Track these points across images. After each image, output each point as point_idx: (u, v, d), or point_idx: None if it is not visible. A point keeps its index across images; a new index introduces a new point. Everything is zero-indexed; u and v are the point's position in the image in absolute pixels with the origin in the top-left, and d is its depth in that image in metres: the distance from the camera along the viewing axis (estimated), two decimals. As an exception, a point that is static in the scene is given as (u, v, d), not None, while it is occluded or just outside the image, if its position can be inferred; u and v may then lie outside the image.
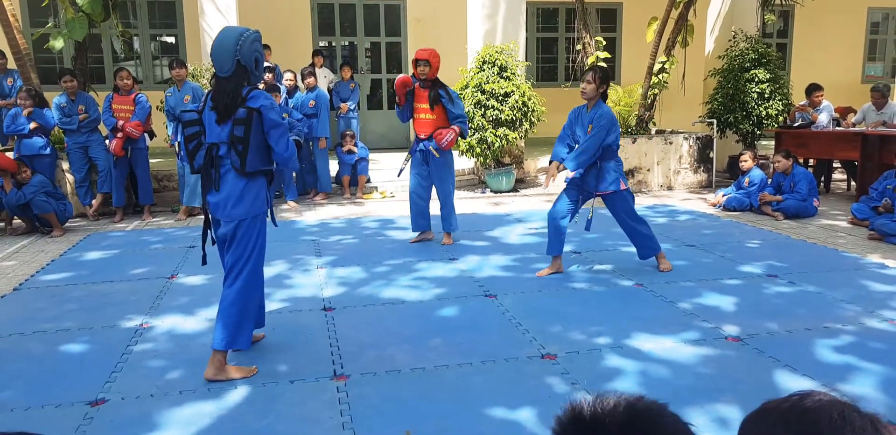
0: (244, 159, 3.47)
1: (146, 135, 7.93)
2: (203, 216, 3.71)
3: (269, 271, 5.42)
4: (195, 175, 4.41)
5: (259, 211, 3.59)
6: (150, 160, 8.25)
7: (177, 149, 7.76)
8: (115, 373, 3.56)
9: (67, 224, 7.39)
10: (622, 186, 5.21)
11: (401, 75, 5.92)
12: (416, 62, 5.88)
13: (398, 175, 6.50)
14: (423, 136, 6.03)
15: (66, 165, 7.88)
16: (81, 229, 7.28)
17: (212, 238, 3.68)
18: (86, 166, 7.78)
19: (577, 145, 5.22)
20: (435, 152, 5.96)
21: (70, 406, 3.21)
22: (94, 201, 7.83)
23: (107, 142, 7.74)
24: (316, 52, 11.13)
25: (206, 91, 3.66)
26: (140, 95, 7.73)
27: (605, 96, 5.22)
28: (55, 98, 7.65)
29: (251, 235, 3.57)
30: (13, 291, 5.05)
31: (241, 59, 3.48)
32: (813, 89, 9.18)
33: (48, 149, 7.55)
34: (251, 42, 3.49)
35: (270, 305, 4.60)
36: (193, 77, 8.51)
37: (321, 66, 10.98)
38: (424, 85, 5.96)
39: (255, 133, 3.48)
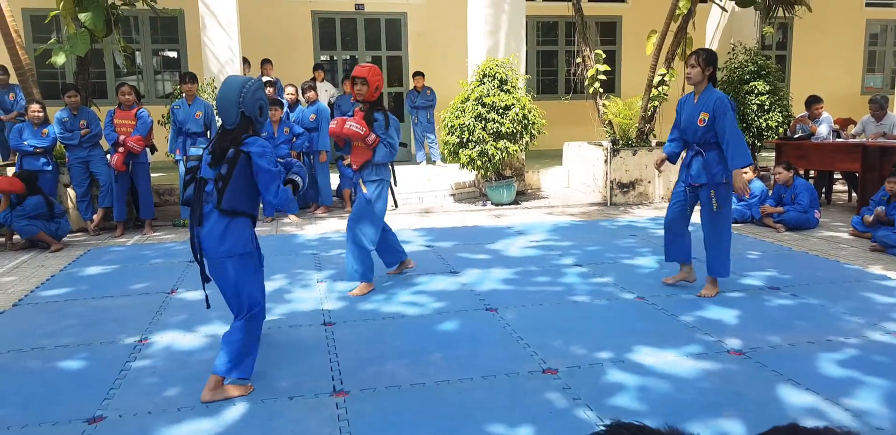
0: (221, 196, 3.47)
1: (147, 149, 7.95)
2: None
3: (269, 285, 5.39)
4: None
5: (245, 250, 3.55)
6: (152, 175, 8.25)
7: (185, 162, 7.76)
8: (113, 390, 3.54)
9: (68, 239, 7.38)
10: (725, 179, 4.87)
11: (333, 125, 5.07)
12: (353, 80, 5.09)
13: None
14: (354, 168, 5.22)
15: (66, 180, 7.90)
16: (82, 244, 7.27)
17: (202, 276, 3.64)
18: (87, 181, 7.79)
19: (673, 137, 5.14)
20: (363, 186, 5.17)
21: (68, 423, 3.19)
22: (94, 216, 7.83)
23: (108, 157, 7.75)
24: (317, 66, 11.19)
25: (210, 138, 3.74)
26: (141, 110, 7.75)
27: (713, 80, 4.87)
28: (57, 113, 7.68)
29: (243, 272, 3.53)
30: (12, 307, 5.04)
31: (246, 111, 3.55)
32: (813, 101, 9.19)
33: (50, 165, 7.59)
34: (254, 92, 3.56)
35: (270, 320, 4.59)
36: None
37: (322, 80, 11.03)
38: (363, 107, 5.19)
39: (239, 174, 3.48)
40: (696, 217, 5.19)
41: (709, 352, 3.95)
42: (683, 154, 5.21)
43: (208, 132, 7.83)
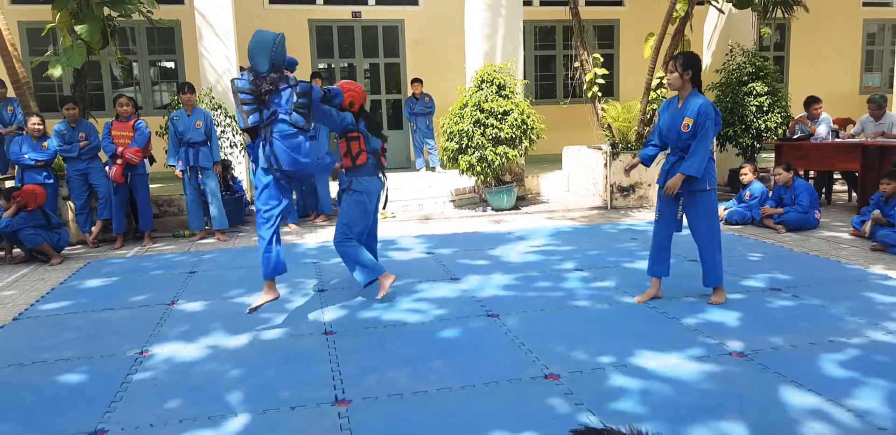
0: (308, 119, 4.49)
1: (146, 161, 7.96)
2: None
3: (269, 295, 5.42)
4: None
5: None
6: (150, 186, 8.26)
7: (188, 174, 7.76)
8: (114, 403, 3.53)
9: (67, 251, 7.38)
10: (708, 186, 4.78)
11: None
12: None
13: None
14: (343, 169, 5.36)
15: (65, 192, 7.91)
16: (82, 257, 7.28)
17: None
18: (86, 193, 7.79)
19: (655, 142, 5.00)
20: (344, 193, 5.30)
21: (69, 437, 3.18)
22: (93, 228, 7.83)
23: (106, 168, 7.76)
24: (314, 75, 11.18)
25: (251, 80, 4.48)
26: (139, 121, 7.75)
27: (697, 84, 4.74)
28: (55, 125, 7.70)
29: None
30: (13, 321, 5.03)
31: (275, 61, 4.38)
32: (812, 102, 9.19)
33: (50, 178, 7.60)
34: (281, 45, 4.43)
35: (270, 332, 4.59)
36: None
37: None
38: None
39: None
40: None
41: (711, 354, 3.94)
42: (662, 159, 5.13)
43: (209, 142, 7.81)
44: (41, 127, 7.55)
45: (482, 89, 9.04)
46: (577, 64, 10.15)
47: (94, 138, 7.76)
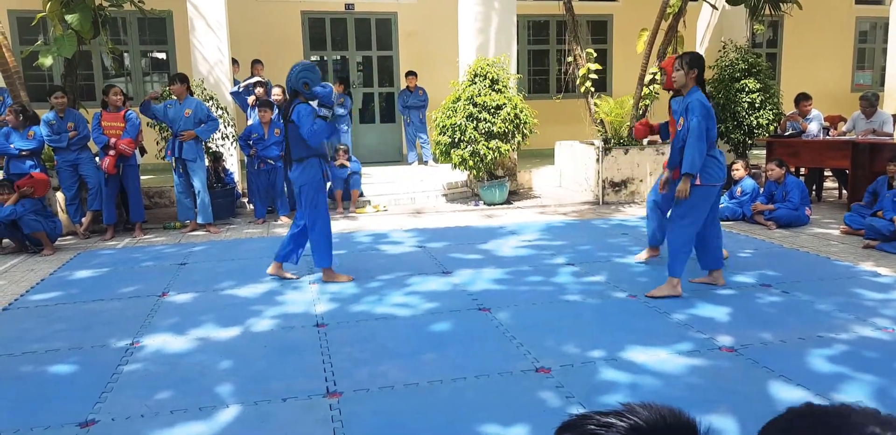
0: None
1: (137, 151, 7.90)
2: None
3: (260, 288, 5.42)
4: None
5: (311, 180, 5.39)
6: (142, 177, 8.22)
7: (173, 164, 7.73)
8: (105, 393, 3.53)
9: (58, 242, 7.34)
10: (697, 181, 4.89)
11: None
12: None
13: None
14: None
15: (55, 183, 7.86)
16: (72, 248, 7.24)
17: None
18: (76, 184, 7.73)
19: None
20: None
21: (60, 428, 3.17)
22: (84, 219, 7.78)
23: (97, 159, 7.71)
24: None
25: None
26: (130, 112, 7.70)
27: (700, 83, 4.90)
28: (44, 115, 7.63)
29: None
30: (2, 311, 5.01)
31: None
32: (801, 99, 9.24)
33: (38, 168, 7.53)
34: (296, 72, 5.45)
35: (261, 324, 4.58)
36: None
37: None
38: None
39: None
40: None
41: (700, 349, 3.96)
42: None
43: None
44: (19, 120, 7.45)
45: (475, 83, 9.03)
46: (570, 59, 10.15)
47: (83, 129, 7.70)
